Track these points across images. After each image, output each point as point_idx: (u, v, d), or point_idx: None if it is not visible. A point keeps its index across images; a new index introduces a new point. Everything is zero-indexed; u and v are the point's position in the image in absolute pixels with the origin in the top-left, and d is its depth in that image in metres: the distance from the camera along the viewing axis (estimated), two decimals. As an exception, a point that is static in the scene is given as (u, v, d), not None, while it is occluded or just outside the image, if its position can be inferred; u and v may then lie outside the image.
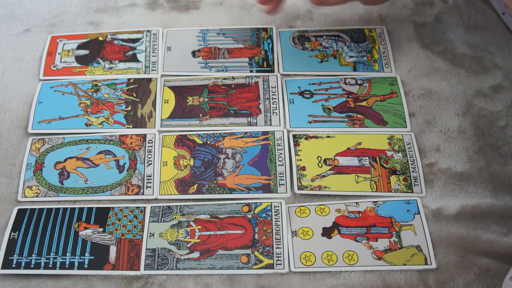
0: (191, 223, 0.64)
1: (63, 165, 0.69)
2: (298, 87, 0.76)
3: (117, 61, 0.79)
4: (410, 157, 0.69)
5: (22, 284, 0.61)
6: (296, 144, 0.70)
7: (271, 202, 0.66)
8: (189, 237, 0.64)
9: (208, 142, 0.71)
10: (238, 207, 0.65)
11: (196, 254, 0.62)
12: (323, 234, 0.64)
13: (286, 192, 0.67)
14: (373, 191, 0.67)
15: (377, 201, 0.66)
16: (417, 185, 0.67)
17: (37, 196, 0.67)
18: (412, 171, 0.68)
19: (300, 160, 0.69)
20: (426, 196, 0.67)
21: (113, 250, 0.63)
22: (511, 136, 0.71)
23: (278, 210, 0.65)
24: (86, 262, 0.62)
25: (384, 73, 0.77)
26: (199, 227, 0.64)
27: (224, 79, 0.77)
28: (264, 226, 0.64)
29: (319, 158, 0.69)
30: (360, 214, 0.65)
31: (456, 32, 0.82)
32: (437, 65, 0.78)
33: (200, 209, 0.66)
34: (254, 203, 0.66)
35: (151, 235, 0.64)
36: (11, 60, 0.79)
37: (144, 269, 0.61)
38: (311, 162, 0.69)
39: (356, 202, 0.66)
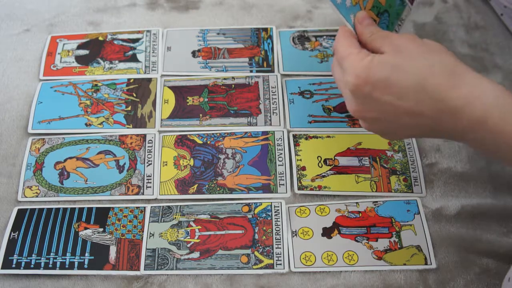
0: (191, 223, 0.64)
1: (63, 165, 0.69)
2: (298, 87, 0.76)
3: (117, 61, 0.79)
4: (410, 157, 0.69)
5: (22, 284, 0.61)
6: (296, 144, 0.70)
7: (271, 202, 0.65)
8: (189, 237, 0.64)
9: (208, 142, 0.71)
10: (238, 207, 0.65)
11: (196, 254, 0.62)
12: (323, 234, 0.64)
13: (286, 192, 0.67)
14: (373, 191, 0.67)
15: (377, 201, 0.66)
16: (417, 185, 0.67)
17: (37, 196, 0.67)
18: (412, 171, 0.68)
19: (300, 160, 0.69)
20: (426, 196, 0.67)
21: (113, 250, 0.63)
22: (511, 136, 0.71)
23: (278, 210, 0.65)
24: (86, 262, 0.62)
25: (384, 73, 0.77)
26: (199, 227, 0.64)
27: (224, 79, 0.77)
28: (264, 226, 0.64)
29: (319, 158, 0.69)
30: (360, 214, 0.65)
31: (456, 32, 0.82)
32: (437, 65, 0.78)
33: (200, 209, 0.66)
34: (254, 203, 0.66)
35: (151, 235, 0.64)
36: (11, 60, 0.79)
37: (144, 269, 0.61)
38: (311, 162, 0.69)
39: (356, 202, 0.66)
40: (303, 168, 0.69)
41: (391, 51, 0.51)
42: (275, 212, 0.65)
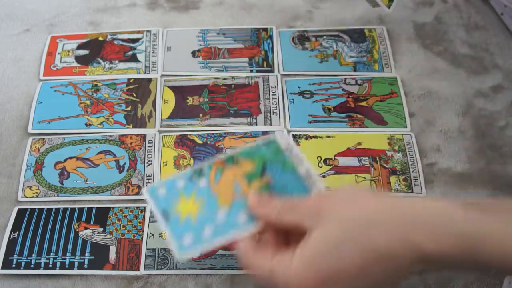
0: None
1: (63, 165, 0.69)
2: (298, 87, 0.76)
3: (117, 61, 0.79)
4: (410, 157, 0.69)
5: (22, 284, 0.61)
6: (296, 144, 0.70)
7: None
8: (189, 236, 0.63)
9: (208, 142, 0.71)
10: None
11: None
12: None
13: (286, 192, 0.67)
14: (373, 191, 0.67)
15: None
16: (417, 185, 0.67)
17: (37, 196, 0.67)
18: (412, 171, 0.68)
19: (300, 160, 0.69)
20: (426, 196, 0.67)
21: (113, 250, 0.63)
22: (511, 136, 0.71)
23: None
24: (86, 262, 0.62)
25: (384, 73, 0.77)
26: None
27: (224, 79, 0.77)
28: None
29: (319, 158, 0.69)
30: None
31: (456, 32, 0.82)
32: (437, 65, 0.78)
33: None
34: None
35: (151, 235, 0.64)
36: (11, 60, 0.79)
37: (144, 269, 0.61)
38: (311, 162, 0.69)
39: (357, 202, 0.66)
40: (303, 168, 0.68)
41: (312, 231, 0.40)
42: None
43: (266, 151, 0.51)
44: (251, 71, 0.78)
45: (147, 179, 0.68)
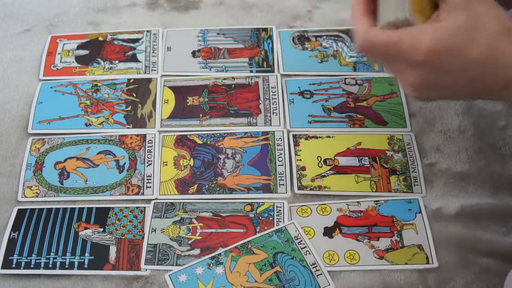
0: (193, 220, 0.64)
1: (63, 165, 0.69)
2: (298, 87, 0.76)
3: (117, 61, 0.79)
4: (410, 157, 0.69)
5: (22, 284, 0.61)
6: (296, 144, 0.70)
7: (274, 203, 0.65)
8: (190, 234, 0.63)
9: (208, 142, 0.71)
10: (240, 206, 0.65)
11: (196, 251, 0.62)
12: (324, 234, 0.64)
13: (286, 192, 0.67)
14: (373, 191, 0.67)
15: (378, 200, 0.66)
16: (417, 185, 0.67)
17: (37, 196, 0.67)
18: (412, 171, 0.68)
19: (300, 160, 0.69)
20: (426, 196, 0.67)
21: (113, 250, 0.63)
22: (511, 136, 0.71)
23: (280, 210, 0.65)
24: (86, 262, 0.62)
25: (384, 73, 0.77)
26: (201, 224, 0.64)
27: (224, 79, 0.77)
28: (265, 226, 0.64)
29: (319, 158, 0.69)
30: (362, 214, 0.65)
31: (456, 32, 0.82)
32: (437, 65, 0.78)
33: (202, 206, 0.66)
34: (257, 202, 0.65)
35: (153, 230, 0.64)
36: (11, 60, 0.79)
37: (145, 264, 0.61)
38: (311, 162, 0.69)
39: (358, 202, 0.66)
40: (303, 168, 0.69)
41: (449, 10, 0.47)
42: (277, 212, 0.65)
43: (277, 240, 0.61)
44: (251, 71, 0.78)
45: (147, 179, 0.68)
